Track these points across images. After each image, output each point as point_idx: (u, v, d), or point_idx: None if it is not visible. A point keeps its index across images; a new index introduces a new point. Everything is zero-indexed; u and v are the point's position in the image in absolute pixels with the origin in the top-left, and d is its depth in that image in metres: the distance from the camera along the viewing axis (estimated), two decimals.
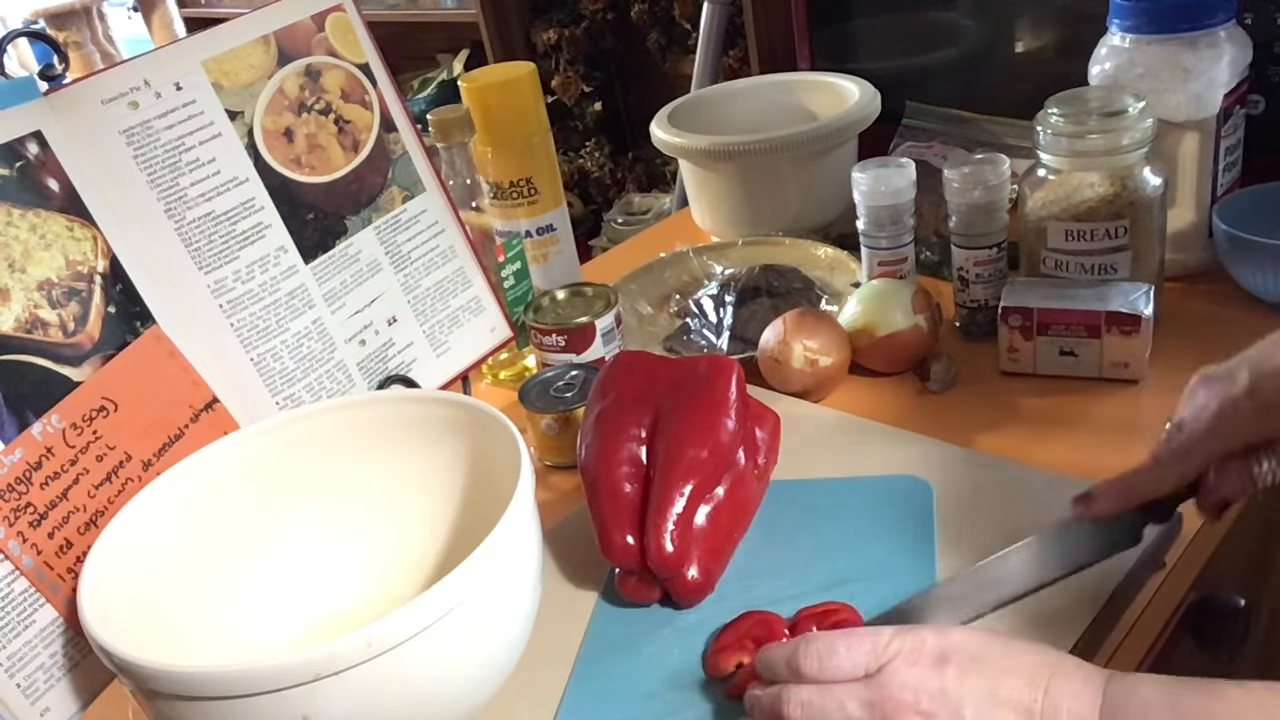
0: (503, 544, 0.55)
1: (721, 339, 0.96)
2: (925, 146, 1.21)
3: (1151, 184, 0.84)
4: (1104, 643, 0.62)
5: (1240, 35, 0.89)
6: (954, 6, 1.24)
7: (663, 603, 0.69)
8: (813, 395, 0.88)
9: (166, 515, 0.64)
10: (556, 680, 0.65)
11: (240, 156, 0.73)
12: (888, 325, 0.88)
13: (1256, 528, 0.83)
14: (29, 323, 0.62)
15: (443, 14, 2.65)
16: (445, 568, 0.56)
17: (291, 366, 0.75)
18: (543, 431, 0.85)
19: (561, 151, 2.60)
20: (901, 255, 0.94)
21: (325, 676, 0.50)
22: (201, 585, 0.65)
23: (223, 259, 0.72)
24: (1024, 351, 0.86)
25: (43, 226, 0.64)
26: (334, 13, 0.79)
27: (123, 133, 0.68)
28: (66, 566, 0.61)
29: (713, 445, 0.70)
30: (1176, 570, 0.67)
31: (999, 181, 0.88)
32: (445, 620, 0.52)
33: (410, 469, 0.69)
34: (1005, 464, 0.75)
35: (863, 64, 1.26)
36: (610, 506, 0.69)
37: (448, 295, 0.85)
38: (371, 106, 0.80)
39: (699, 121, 1.19)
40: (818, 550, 0.71)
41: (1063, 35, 1.15)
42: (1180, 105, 0.88)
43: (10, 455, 0.60)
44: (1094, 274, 0.87)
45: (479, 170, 0.96)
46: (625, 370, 0.76)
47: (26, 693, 0.59)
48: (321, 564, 0.69)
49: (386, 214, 0.81)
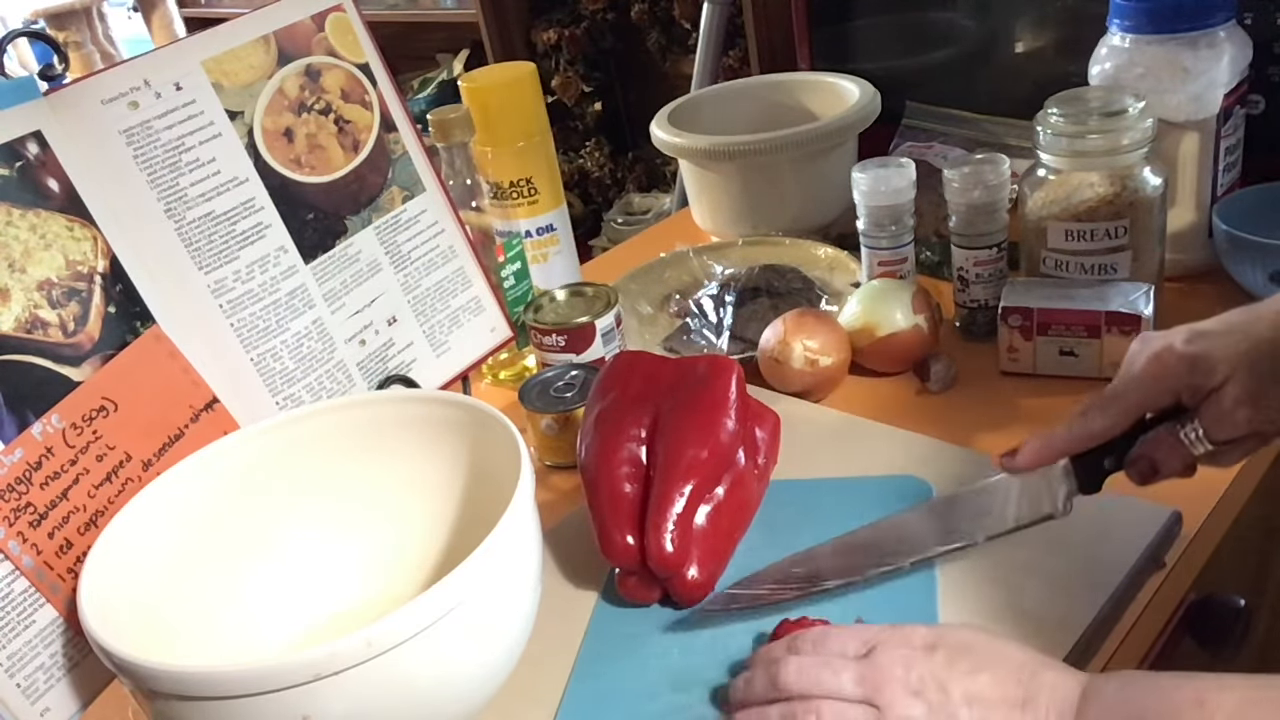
0: (503, 544, 0.55)
1: (721, 339, 0.96)
2: (925, 146, 1.21)
3: (1151, 184, 0.84)
4: (1104, 643, 0.62)
5: (1240, 35, 0.89)
6: (954, 6, 1.24)
7: (663, 603, 0.69)
8: (813, 395, 0.88)
9: (166, 515, 0.64)
10: (556, 680, 0.65)
11: (240, 156, 0.73)
12: (888, 325, 0.88)
13: (1256, 528, 0.83)
14: (29, 323, 0.62)
15: (443, 14, 2.65)
16: (445, 568, 0.56)
17: (291, 366, 0.75)
18: (543, 431, 0.85)
19: (561, 151, 2.60)
20: (901, 255, 0.94)
21: (325, 677, 0.50)
22: (201, 585, 0.65)
23: (223, 259, 0.72)
24: (1024, 351, 0.86)
25: (43, 226, 0.64)
26: (334, 13, 0.79)
27: (123, 133, 0.68)
28: (66, 566, 0.61)
29: (713, 445, 0.70)
30: (1176, 570, 0.67)
31: (999, 181, 0.88)
32: (445, 620, 0.52)
33: (410, 469, 0.69)
34: None
35: (863, 64, 1.26)
36: (610, 506, 0.69)
37: (448, 295, 0.85)
38: (371, 106, 0.80)
39: (699, 121, 1.19)
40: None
41: (1063, 35, 1.15)
42: (1180, 105, 0.88)
43: (10, 455, 0.60)
44: (1094, 274, 0.87)
45: (479, 170, 0.96)
46: (625, 370, 0.76)
47: (26, 693, 0.59)
48: (321, 564, 0.69)
49: (386, 214, 0.81)
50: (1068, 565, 0.65)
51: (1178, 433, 0.58)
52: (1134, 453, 0.60)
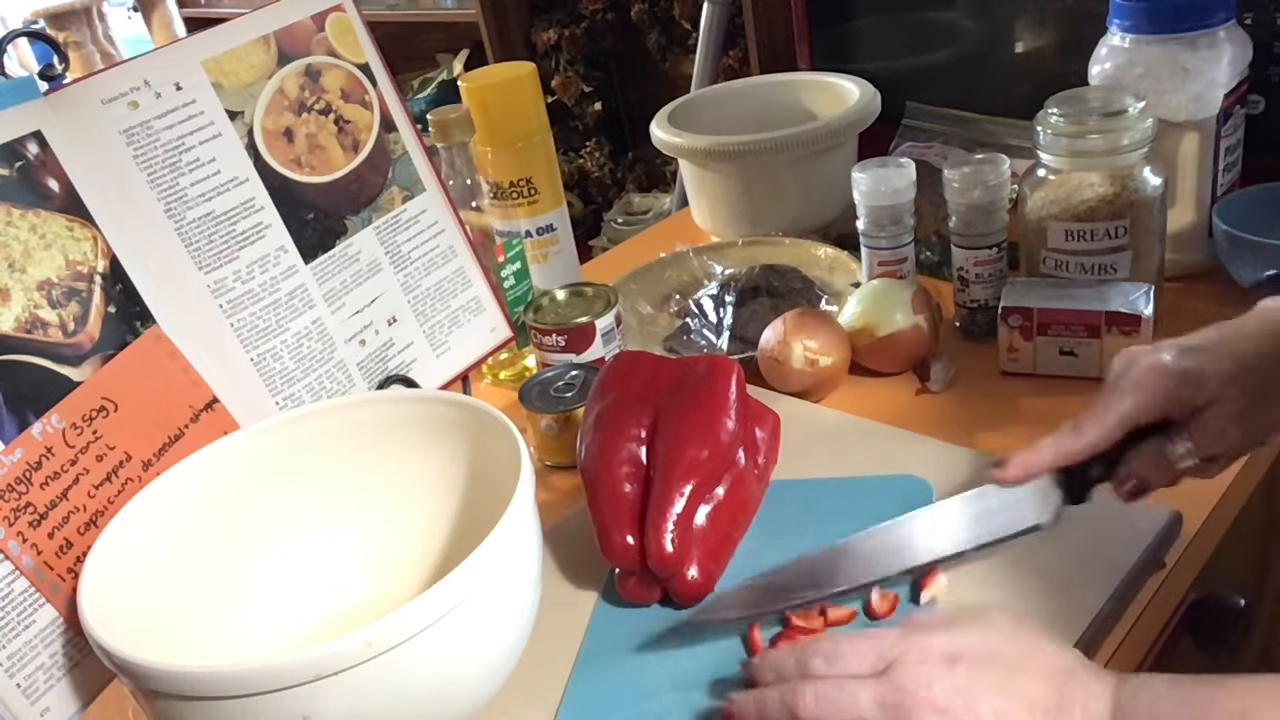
0: (503, 544, 0.55)
1: (721, 339, 0.96)
2: (925, 146, 1.21)
3: (1151, 184, 0.84)
4: (1104, 643, 0.62)
5: (1240, 35, 0.89)
6: (954, 6, 1.24)
7: (663, 603, 0.69)
8: (813, 395, 0.88)
9: (166, 515, 0.64)
10: (556, 680, 0.65)
11: (240, 156, 0.73)
12: (888, 325, 0.88)
13: (1257, 528, 0.83)
14: (29, 323, 0.62)
15: (443, 14, 2.65)
16: (445, 568, 0.56)
17: (291, 366, 0.75)
18: (543, 431, 0.85)
19: (561, 151, 2.60)
20: (901, 255, 0.94)
21: (325, 676, 0.50)
22: (201, 585, 0.65)
23: (223, 259, 0.72)
24: (1024, 351, 0.86)
25: (43, 226, 0.64)
26: (334, 13, 0.79)
27: (123, 133, 0.68)
28: (66, 566, 0.61)
29: (713, 445, 0.70)
30: (1176, 570, 0.67)
31: (999, 181, 0.88)
32: (445, 620, 0.52)
33: (410, 469, 0.69)
34: None
35: (863, 64, 1.26)
36: (610, 506, 0.69)
37: (448, 295, 0.85)
38: (371, 106, 0.80)
39: (699, 121, 1.19)
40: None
41: (1063, 35, 1.15)
42: (1180, 105, 0.88)
43: (10, 455, 0.60)
44: (1094, 274, 0.87)
45: (479, 170, 0.96)
46: (625, 370, 0.76)
47: (26, 693, 0.59)
48: (321, 564, 0.69)
49: (386, 214, 0.81)
50: (1068, 565, 0.65)
51: (1166, 448, 0.58)
52: (1122, 471, 0.60)
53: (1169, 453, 0.58)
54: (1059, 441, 0.60)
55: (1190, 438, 0.58)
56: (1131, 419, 0.59)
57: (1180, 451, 0.58)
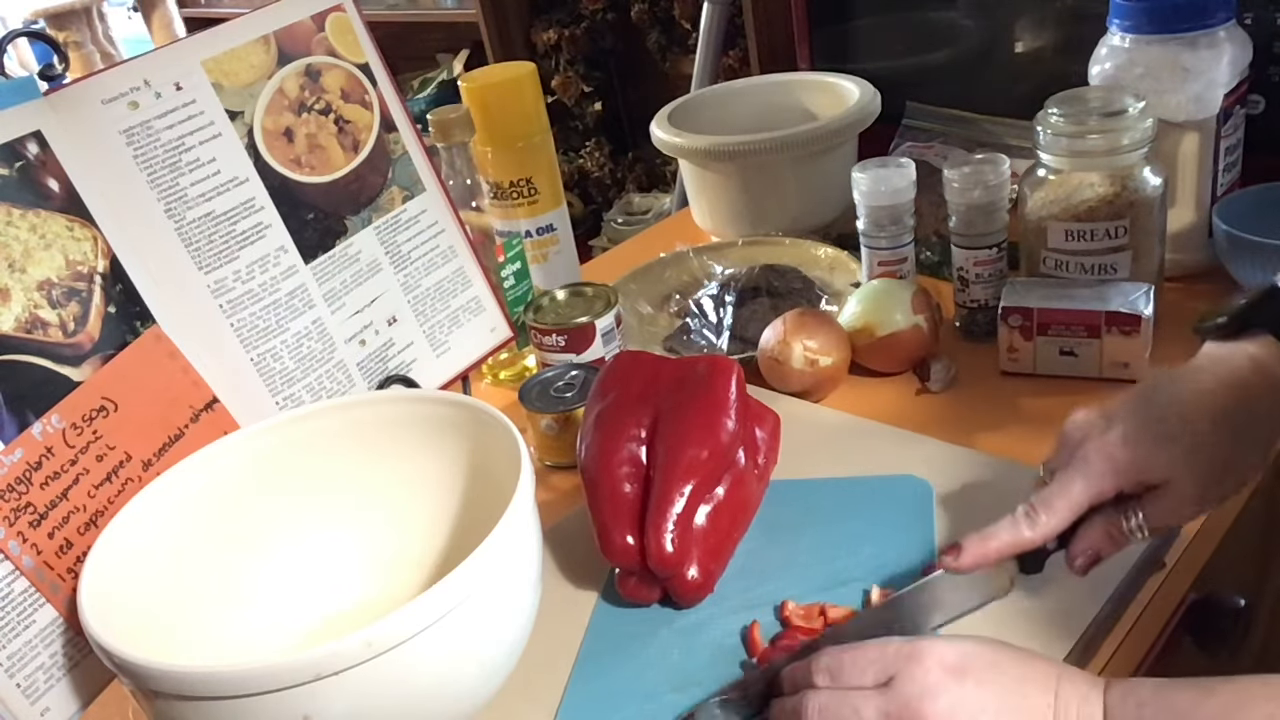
0: (503, 544, 0.55)
1: (721, 339, 0.96)
2: (925, 146, 1.21)
3: (1151, 184, 0.84)
4: (1104, 643, 0.62)
5: (1240, 35, 0.89)
6: (954, 6, 1.24)
7: (663, 603, 0.69)
8: (813, 395, 0.88)
9: (166, 515, 0.64)
10: (556, 680, 0.65)
11: (240, 156, 0.73)
12: (888, 325, 0.88)
13: (1256, 528, 0.83)
14: (29, 323, 0.62)
15: (443, 14, 2.65)
16: (445, 568, 0.56)
17: (291, 366, 0.75)
18: (543, 431, 0.85)
19: (561, 151, 2.60)
20: (901, 255, 0.94)
21: (325, 676, 0.50)
22: (201, 585, 0.65)
23: (223, 259, 0.72)
24: (1024, 351, 0.86)
25: (43, 226, 0.64)
26: (334, 13, 0.79)
27: (123, 133, 0.68)
28: (66, 566, 0.61)
29: (713, 445, 0.70)
30: (1176, 570, 0.67)
31: (999, 181, 0.88)
32: (445, 620, 0.52)
33: (410, 469, 0.69)
34: (1005, 464, 0.75)
35: (863, 64, 1.26)
36: (610, 506, 0.69)
37: (448, 295, 0.85)
38: (371, 106, 0.80)
39: (699, 121, 1.19)
40: (818, 550, 0.71)
41: (1063, 35, 1.15)
42: (1180, 105, 0.88)
43: (10, 455, 0.60)
44: (1094, 274, 0.87)
45: (479, 170, 0.96)
46: (625, 370, 0.76)
47: (26, 693, 0.59)
48: (321, 564, 0.69)
49: (386, 214, 0.81)
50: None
51: (1119, 524, 0.58)
52: (1075, 547, 0.59)
53: (1121, 527, 0.58)
54: (1013, 530, 0.59)
55: (1143, 511, 0.57)
56: (1082, 505, 0.58)
57: (1133, 525, 0.58)
